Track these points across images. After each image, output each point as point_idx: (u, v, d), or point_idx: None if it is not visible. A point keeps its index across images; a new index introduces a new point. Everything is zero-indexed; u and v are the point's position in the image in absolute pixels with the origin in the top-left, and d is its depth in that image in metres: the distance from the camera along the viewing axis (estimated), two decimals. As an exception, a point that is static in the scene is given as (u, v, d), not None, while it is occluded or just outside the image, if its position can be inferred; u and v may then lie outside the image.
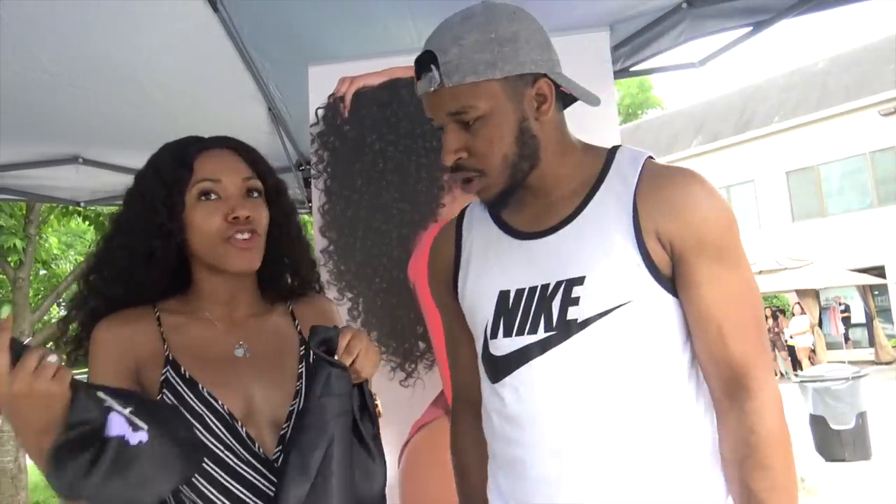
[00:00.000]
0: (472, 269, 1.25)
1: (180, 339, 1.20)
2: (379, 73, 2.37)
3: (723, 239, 1.09)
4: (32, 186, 3.91)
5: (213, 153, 1.25)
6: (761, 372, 1.08)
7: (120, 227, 1.24)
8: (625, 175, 1.14)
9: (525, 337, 1.13)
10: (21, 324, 7.59)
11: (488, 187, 1.15)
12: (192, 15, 2.53)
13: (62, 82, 2.75)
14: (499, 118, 1.11)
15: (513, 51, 1.09)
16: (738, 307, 1.09)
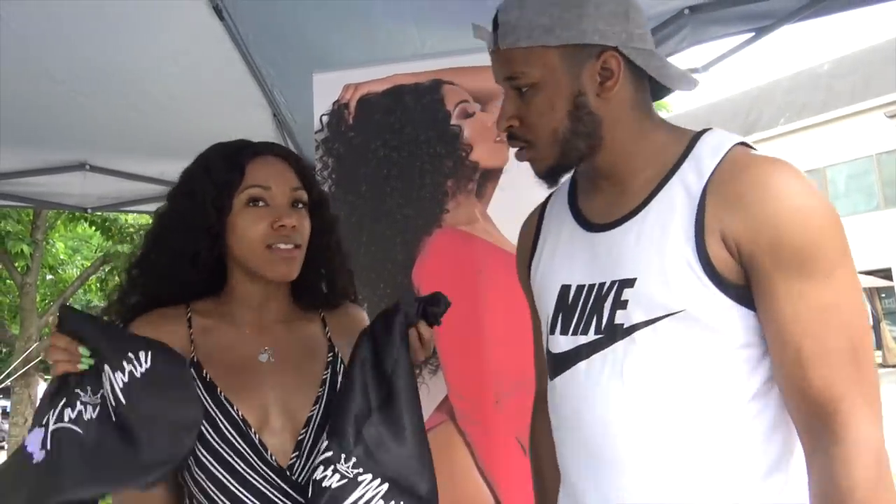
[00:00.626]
0: (543, 257, 1.20)
1: (208, 341, 1.21)
2: (383, 79, 2.38)
3: (807, 244, 0.91)
4: (40, 193, 3.94)
5: (265, 160, 1.25)
6: (852, 410, 0.88)
7: (166, 225, 1.24)
8: (702, 163, 1.00)
9: (578, 337, 1.07)
10: (28, 328, 7.63)
11: (537, 160, 1.09)
12: (198, 22, 2.56)
13: (69, 90, 2.78)
14: (552, 89, 1.03)
15: (576, 17, 1.00)
16: (825, 328, 0.90)
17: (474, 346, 2.19)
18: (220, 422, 1.14)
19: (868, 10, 2.20)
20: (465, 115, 2.32)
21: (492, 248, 2.27)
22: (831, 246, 0.92)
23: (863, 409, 0.89)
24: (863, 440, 0.87)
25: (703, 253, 0.96)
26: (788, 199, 0.92)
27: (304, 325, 1.31)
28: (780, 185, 0.93)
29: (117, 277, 9.14)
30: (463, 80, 2.34)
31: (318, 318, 1.33)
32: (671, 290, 0.97)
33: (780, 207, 0.92)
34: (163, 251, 1.22)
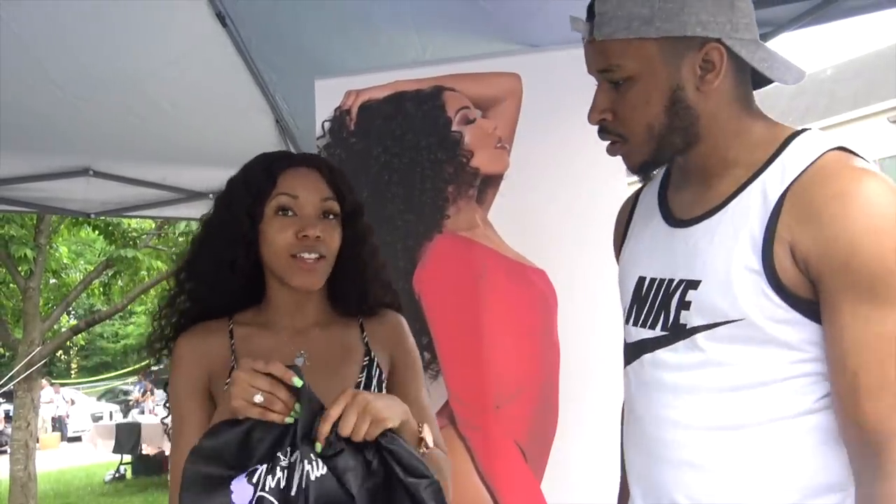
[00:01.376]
0: (628, 246, 1.19)
1: (247, 349, 1.24)
2: (384, 86, 2.39)
3: (882, 268, 0.85)
4: (43, 198, 3.97)
5: (298, 170, 1.26)
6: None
7: (208, 231, 1.28)
8: (788, 166, 0.94)
9: (646, 330, 1.07)
10: (31, 332, 7.64)
11: (630, 155, 1.05)
12: (201, 29, 2.58)
13: (73, 96, 2.80)
14: (649, 82, 0.98)
15: (677, 7, 0.95)
16: (886, 359, 0.85)
17: (474, 352, 2.20)
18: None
19: (870, 16, 2.20)
20: (465, 121, 2.33)
21: (492, 254, 2.28)
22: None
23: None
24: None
25: (769, 263, 0.92)
26: (869, 217, 0.86)
27: (340, 330, 1.33)
28: (862, 201, 0.87)
29: (120, 282, 9.16)
30: (464, 87, 2.35)
31: (357, 323, 1.35)
32: (733, 298, 0.94)
33: (858, 226, 0.86)
34: (205, 257, 1.26)
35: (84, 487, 10.01)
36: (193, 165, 3.82)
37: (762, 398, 0.95)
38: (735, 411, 0.96)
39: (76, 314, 21.47)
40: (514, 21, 2.45)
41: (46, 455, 12.96)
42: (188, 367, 1.23)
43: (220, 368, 1.22)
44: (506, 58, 2.38)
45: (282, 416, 1.04)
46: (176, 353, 1.25)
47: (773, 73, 1.02)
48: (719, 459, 0.97)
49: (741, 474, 0.96)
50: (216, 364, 1.23)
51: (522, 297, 2.24)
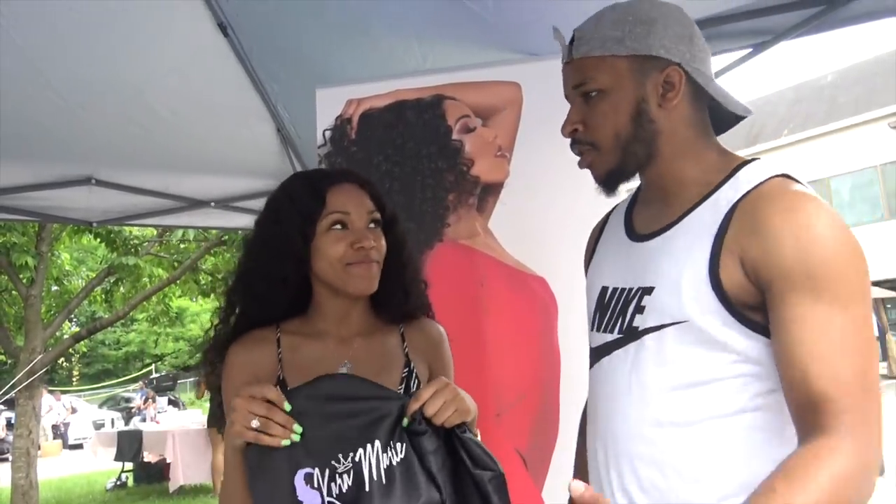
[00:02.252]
0: (595, 260, 1.32)
1: (294, 357, 1.31)
2: (385, 95, 2.41)
3: (828, 270, 0.94)
4: (46, 207, 3.97)
5: (343, 187, 1.35)
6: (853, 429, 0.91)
7: (257, 252, 1.35)
8: (736, 188, 1.06)
9: (606, 335, 1.18)
10: (33, 340, 7.65)
11: (598, 163, 1.16)
12: (202, 38, 2.59)
13: (75, 105, 2.81)
14: (618, 94, 1.11)
15: (644, 32, 1.10)
16: (833, 353, 0.93)
17: (475, 360, 2.20)
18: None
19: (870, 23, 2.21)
20: (466, 129, 2.34)
21: (493, 262, 2.28)
22: (851, 279, 0.95)
23: (864, 431, 0.91)
24: (858, 456, 0.90)
25: (714, 271, 1.02)
26: (812, 228, 0.96)
27: (383, 339, 1.40)
28: (805, 217, 0.96)
29: (121, 289, 9.16)
30: (464, 96, 2.36)
31: (398, 332, 1.42)
32: (679, 301, 1.04)
33: (802, 236, 0.95)
34: (256, 275, 1.33)
35: (85, 495, 10.00)
36: (195, 174, 3.83)
37: (704, 396, 1.04)
38: (681, 408, 1.06)
39: (78, 321, 21.50)
40: (514, 30, 2.46)
41: (48, 463, 12.96)
42: (238, 375, 1.30)
43: (267, 376, 1.29)
44: (506, 66, 2.39)
45: (277, 439, 1.11)
46: (227, 362, 1.32)
47: (726, 102, 1.15)
48: (669, 454, 1.06)
49: (689, 468, 1.05)
50: (264, 372, 1.29)
51: (523, 305, 2.24)
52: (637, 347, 1.10)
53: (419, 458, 1.14)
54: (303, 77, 2.75)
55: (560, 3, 2.27)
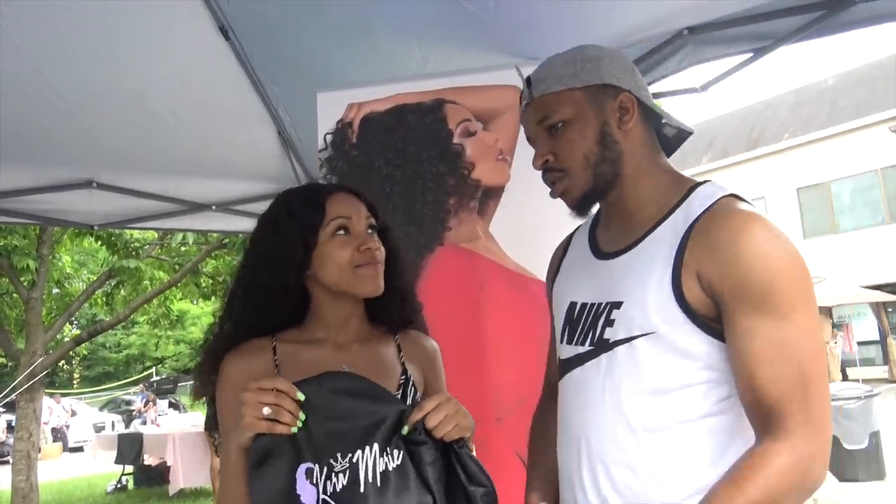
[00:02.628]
0: (562, 276, 1.40)
1: (292, 363, 1.33)
2: (386, 98, 2.41)
3: (767, 287, 1.05)
4: (47, 210, 3.97)
5: (340, 195, 1.39)
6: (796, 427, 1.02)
7: (257, 265, 1.37)
8: (691, 209, 1.16)
9: (576, 347, 1.25)
10: (33, 343, 7.65)
11: (571, 188, 1.24)
12: (204, 42, 2.59)
13: (76, 109, 2.81)
14: (581, 122, 1.21)
15: (594, 67, 1.23)
16: (777, 360, 1.04)
17: (475, 364, 2.20)
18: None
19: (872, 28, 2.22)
20: (467, 133, 2.35)
21: (494, 266, 2.28)
22: (791, 290, 1.06)
23: (805, 429, 1.02)
24: (797, 453, 1.01)
25: (677, 285, 1.11)
26: (755, 246, 1.06)
27: (378, 346, 1.42)
28: (749, 236, 1.07)
29: (122, 292, 9.15)
30: (465, 100, 2.37)
31: (394, 341, 1.45)
32: (647, 314, 1.13)
33: (746, 254, 1.06)
34: (256, 287, 1.35)
35: (86, 498, 9.99)
36: (196, 177, 3.83)
37: (673, 402, 1.13)
38: (652, 414, 1.13)
39: (79, 324, 21.49)
40: (515, 34, 2.46)
41: (48, 465, 12.95)
42: (233, 388, 1.29)
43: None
44: (507, 70, 2.39)
45: (288, 427, 1.14)
46: (222, 371, 1.33)
47: (671, 121, 1.27)
48: (642, 457, 1.13)
49: (661, 469, 1.13)
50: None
51: (524, 309, 2.24)
52: (609, 358, 1.18)
53: (416, 468, 1.15)
54: (303, 80, 2.76)
55: (560, 7, 2.28)
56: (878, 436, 6.84)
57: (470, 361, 2.22)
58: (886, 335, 15.88)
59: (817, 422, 1.03)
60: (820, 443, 1.03)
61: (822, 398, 1.05)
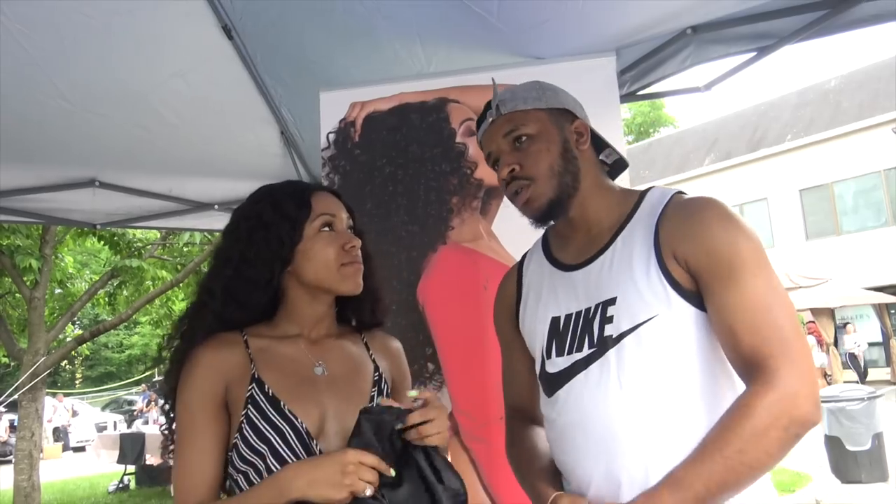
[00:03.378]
0: (530, 300, 1.43)
1: (266, 357, 1.33)
2: (389, 98, 2.41)
3: (733, 258, 1.17)
4: (49, 209, 3.97)
5: (323, 194, 1.42)
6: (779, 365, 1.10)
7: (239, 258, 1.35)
8: (652, 207, 1.29)
9: (574, 355, 1.28)
10: (36, 342, 7.65)
11: (537, 196, 1.32)
12: (207, 42, 2.59)
13: (79, 108, 2.82)
14: (546, 137, 1.33)
15: (554, 94, 1.38)
16: (750, 311, 1.15)
17: (478, 364, 2.20)
18: (288, 433, 1.25)
19: (875, 28, 2.21)
20: (469, 133, 2.35)
21: (496, 265, 2.28)
22: (753, 256, 1.18)
23: (787, 368, 1.10)
24: (780, 389, 1.09)
25: (665, 270, 1.21)
26: (718, 223, 1.20)
27: (348, 344, 1.44)
28: (708, 218, 1.21)
29: (125, 292, 9.15)
30: (468, 99, 2.37)
31: (360, 340, 1.47)
32: (645, 302, 1.21)
33: (713, 230, 1.19)
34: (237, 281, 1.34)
35: (88, 498, 10.00)
36: (199, 177, 3.83)
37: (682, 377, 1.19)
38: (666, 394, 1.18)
39: (81, 324, 21.51)
40: (519, 34, 2.46)
41: (50, 465, 12.96)
42: (206, 377, 1.29)
43: (238, 376, 1.30)
44: (510, 70, 2.39)
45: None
46: (192, 364, 1.30)
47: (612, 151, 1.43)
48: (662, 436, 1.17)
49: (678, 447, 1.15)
50: (235, 372, 1.30)
51: (526, 308, 2.24)
52: (617, 352, 1.22)
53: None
54: (307, 79, 2.76)
55: (563, 7, 2.28)
56: (881, 437, 6.82)
57: (472, 361, 2.22)
58: (889, 337, 15.83)
59: (798, 359, 1.12)
60: (803, 378, 1.11)
61: (799, 338, 1.14)
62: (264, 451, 1.23)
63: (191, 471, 1.25)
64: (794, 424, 1.09)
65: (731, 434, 1.09)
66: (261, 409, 1.26)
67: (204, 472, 1.25)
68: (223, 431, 1.28)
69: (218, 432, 1.27)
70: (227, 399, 1.29)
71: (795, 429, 1.09)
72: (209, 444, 1.26)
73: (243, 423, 1.25)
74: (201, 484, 1.25)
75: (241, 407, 1.27)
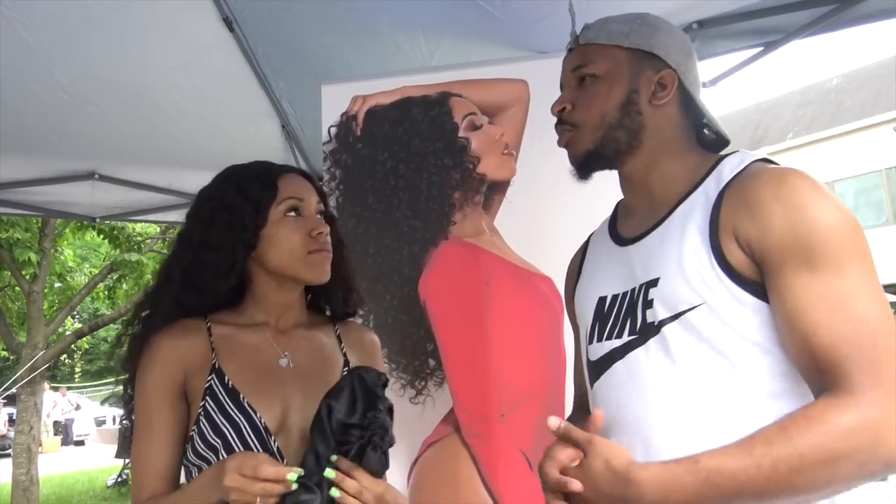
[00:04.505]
0: (584, 276, 1.31)
1: (229, 347, 1.28)
2: (391, 91, 2.39)
3: (814, 239, 0.94)
4: (48, 202, 3.95)
5: (292, 176, 1.35)
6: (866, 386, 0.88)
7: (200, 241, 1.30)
8: (722, 175, 1.08)
9: (612, 341, 1.14)
10: (35, 336, 7.64)
11: (577, 141, 1.18)
12: (208, 34, 2.57)
13: (79, 100, 2.79)
14: (611, 80, 1.15)
15: (649, 32, 1.16)
16: (834, 319, 0.92)
17: (480, 360, 2.18)
18: (245, 428, 1.19)
19: (878, 26, 2.19)
20: (472, 127, 2.32)
21: (499, 261, 2.26)
22: (839, 242, 0.95)
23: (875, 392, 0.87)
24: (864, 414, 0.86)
25: (717, 250, 1.01)
26: (796, 197, 0.97)
27: (319, 335, 1.38)
28: (788, 187, 0.98)
29: (124, 286, 9.16)
30: (471, 93, 2.34)
31: (333, 331, 1.40)
32: (691, 286, 1.02)
33: (786, 206, 0.97)
34: (199, 265, 1.28)
35: (86, 492, 10.01)
36: (199, 170, 3.77)
37: (734, 380, 1.00)
38: (709, 393, 1.01)
39: (81, 318, 21.50)
40: (522, 27, 2.44)
41: (49, 459, 12.96)
42: (164, 365, 1.24)
43: (198, 365, 1.25)
44: (513, 64, 2.37)
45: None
46: (151, 351, 1.26)
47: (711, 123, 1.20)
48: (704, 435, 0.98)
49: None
50: (195, 361, 1.25)
51: (529, 305, 2.22)
52: (658, 342, 1.06)
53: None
54: (308, 72, 2.74)
55: (566, 1, 2.25)
56: (881, 436, 6.81)
57: (474, 357, 2.20)
58: (889, 336, 15.84)
59: (890, 384, 0.88)
60: (892, 404, 0.87)
61: (892, 358, 0.90)
62: (218, 445, 1.18)
63: (147, 463, 1.21)
64: (874, 462, 0.87)
65: (792, 446, 0.87)
66: (219, 401, 1.21)
67: (160, 464, 1.20)
68: (181, 423, 1.23)
69: (175, 423, 1.22)
70: (186, 389, 1.24)
71: (874, 467, 0.87)
72: (166, 435, 1.21)
73: (200, 415, 1.20)
74: (157, 476, 1.20)
75: (200, 398, 1.22)
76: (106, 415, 19.41)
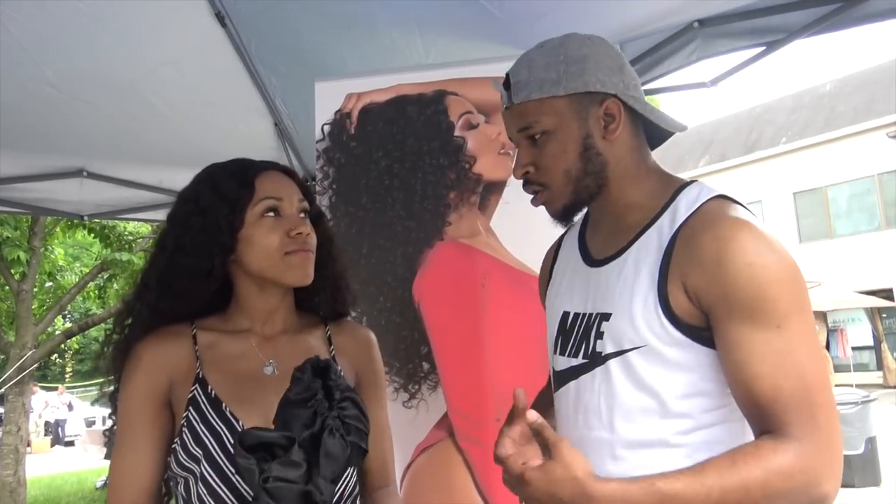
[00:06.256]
0: (554, 285, 1.34)
1: (213, 355, 1.24)
2: (386, 89, 2.35)
3: (757, 297, 0.99)
4: (36, 199, 3.90)
5: (271, 174, 1.29)
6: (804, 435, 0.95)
7: (176, 245, 1.25)
8: (677, 214, 1.11)
9: (571, 359, 1.19)
10: (24, 336, 7.57)
11: (552, 201, 1.19)
12: (200, 29, 2.54)
13: (68, 96, 2.75)
14: (563, 134, 1.15)
15: (579, 70, 1.14)
16: (775, 372, 0.98)
17: (474, 363, 2.14)
18: (226, 437, 1.15)
19: (873, 30, 2.17)
20: (468, 126, 2.29)
21: (494, 262, 2.22)
22: (783, 299, 0.99)
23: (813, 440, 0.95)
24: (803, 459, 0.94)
25: (663, 296, 1.06)
26: (742, 256, 1.00)
27: (307, 339, 1.33)
28: (735, 245, 1.01)
29: (115, 285, 9.10)
30: (467, 91, 2.31)
31: (324, 332, 1.36)
32: (636, 327, 1.08)
33: (734, 264, 1.00)
34: (176, 270, 1.24)
35: (75, 493, 9.93)
36: (190, 168, 3.69)
37: (669, 416, 1.07)
38: (646, 429, 1.08)
39: (72, 318, 21.40)
40: (519, 25, 2.41)
41: (37, 460, 12.87)
42: (147, 373, 1.21)
43: (183, 374, 1.21)
44: (510, 62, 2.32)
45: None
46: (134, 358, 1.22)
47: (663, 122, 1.20)
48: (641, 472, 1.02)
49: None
50: (179, 370, 1.21)
51: (524, 307, 2.19)
52: (603, 372, 1.12)
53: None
54: (302, 69, 2.71)
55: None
56: (874, 441, 6.82)
57: (468, 360, 2.17)
58: (881, 340, 15.91)
59: (825, 434, 0.96)
60: (830, 455, 0.96)
61: (828, 410, 0.98)
62: (199, 455, 1.14)
63: (125, 475, 1.17)
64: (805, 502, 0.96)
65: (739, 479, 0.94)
66: (201, 411, 1.17)
67: (139, 476, 1.17)
68: (163, 433, 1.19)
69: (157, 434, 1.18)
70: (170, 398, 1.20)
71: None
72: (146, 446, 1.17)
73: (184, 426, 1.17)
74: (136, 490, 1.16)
75: (184, 408, 1.18)
76: (96, 415, 19.30)
